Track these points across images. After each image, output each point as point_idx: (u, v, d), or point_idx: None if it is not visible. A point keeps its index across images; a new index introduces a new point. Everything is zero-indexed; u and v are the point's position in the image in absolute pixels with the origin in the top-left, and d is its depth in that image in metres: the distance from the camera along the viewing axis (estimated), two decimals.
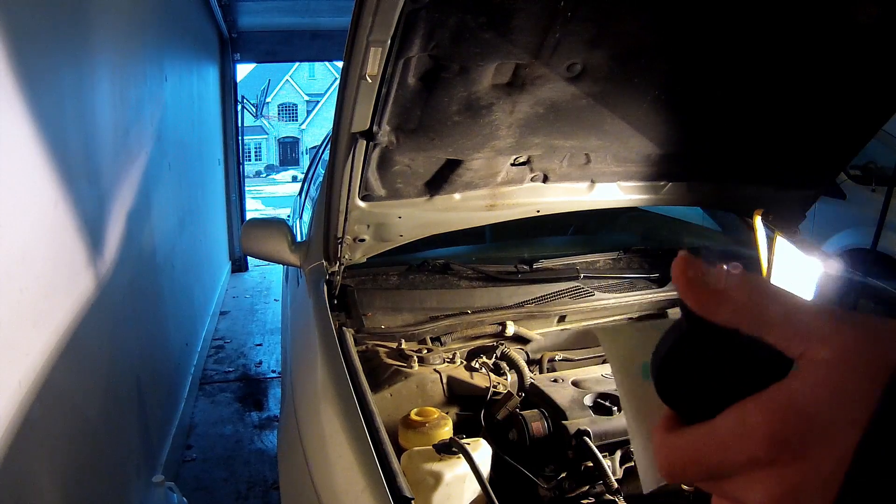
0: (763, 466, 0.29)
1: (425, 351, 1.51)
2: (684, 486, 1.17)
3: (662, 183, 1.91)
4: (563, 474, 1.21)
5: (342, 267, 1.67)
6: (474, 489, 1.09)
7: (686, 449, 0.32)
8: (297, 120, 33.83)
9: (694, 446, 0.31)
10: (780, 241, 1.61)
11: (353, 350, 1.38)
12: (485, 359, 1.49)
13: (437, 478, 1.07)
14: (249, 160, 30.83)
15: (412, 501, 0.93)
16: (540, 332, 1.72)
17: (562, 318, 1.75)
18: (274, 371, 4.15)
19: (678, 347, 0.32)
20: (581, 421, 1.24)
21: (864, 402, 0.28)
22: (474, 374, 1.45)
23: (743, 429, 0.30)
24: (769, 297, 0.31)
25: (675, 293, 0.32)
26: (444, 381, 1.42)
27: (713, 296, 0.31)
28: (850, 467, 0.28)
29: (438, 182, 1.65)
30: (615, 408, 1.27)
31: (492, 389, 1.39)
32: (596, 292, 1.79)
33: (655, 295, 1.82)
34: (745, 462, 0.30)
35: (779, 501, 0.29)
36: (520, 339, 1.67)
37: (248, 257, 6.29)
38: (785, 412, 0.29)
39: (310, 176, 4.11)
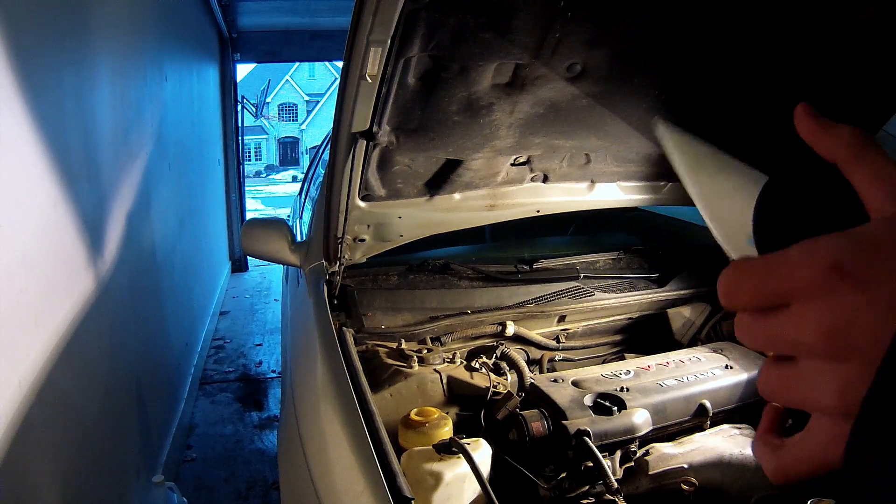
0: (821, 293, 0.29)
1: (425, 351, 1.51)
2: (684, 486, 1.17)
3: (662, 183, 1.91)
4: (563, 474, 1.21)
5: (342, 267, 1.67)
6: (474, 489, 1.09)
7: (754, 270, 0.32)
8: (297, 120, 33.82)
9: (762, 268, 0.32)
10: None
11: (353, 350, 1.38)
12: (485, 359, 1.49)
13: (437, 478, 1.07)
14: (249, 160, 30.82)
15: (412, 501, 0.93)
16: (540, 332, 1.72)
17: (562, 318, 1.75)
18: (274, 371, 4.15)
19: (769, 188, 0.36)
20: (581, 421, 1.24)
21: None
22: (474, 374, 1.46)
23: (809, 254, 0.30)
24: (870, 146, 0.33)
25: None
26: (444, 381, 1.42)
27: (826, 128, 0.35)
28: None
29: (438, 182, 1.65)
30: (615, 408, 1.28)
31: (492, 389, 1.39)
32: (596, 292, 1.79)
33: (655, 295, 1.82)
34: (806, 286, 0.30)
35: (830, 332, 0.29)
36: (520, 339, 1.67)
37: (248, 257, 6.30)
38: (849, 245, 0.29)
39: (310, 176, 4.11)
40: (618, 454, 1.25)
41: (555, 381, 1.39)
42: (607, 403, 1.28)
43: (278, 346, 4.42)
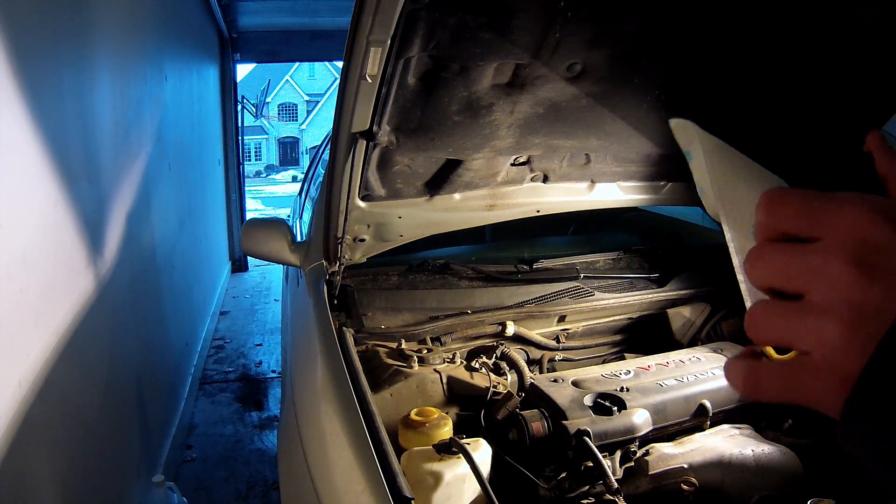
0: (858, 232, 0.30)
1: (425, 351, 1.51)
2: (684, 486, 1.17)
3: (662, 183, 1.90)
4: (563, 474, 1.21)
5: (342, 267, 1.66)
6: (474, 489, 1.09)
7: (807, 195, 0.33)
8: (297, 120, 33.81)
9: (815, 196, 0.32)
10: None
11: (353, 350, 1.38)
12: (485, 359, 1.49)
13: (437, 478, 1.06)
14: (249, 160, 30.82)
15: (412, 501, 0.93)
16: (540, 332, 1.72)
17: (562, 318, 1.75)
18: (274, 371, 4.15)
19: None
20: (581, 421, 1.24)
21: None
22: (474, 374, 1.45)
23: (859, 198, 0.31)
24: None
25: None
26: (444, 381, 1.42)
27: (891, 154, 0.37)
28: None
29: (438, 182, 1.65)
30: (615, 408, 1.27)
31: (492, 389, 1.39)
32: (596, 292, 1.79)
33: (655, 295, 1.82)
34: (846, 224, 0.30)
35: (859, 263, 0.29)
36: (520, 339, 1.67)
37: (248, 257, 6.29)
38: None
39: (310, 176, 4.11)
40: (618, 454, 1.25)
41: (555, 381, 1.39)
42: (607, 403, 1.28)
43: (278, 346, 4.42)
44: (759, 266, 0.33)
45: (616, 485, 1.14)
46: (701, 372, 1.44)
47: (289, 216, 4.50)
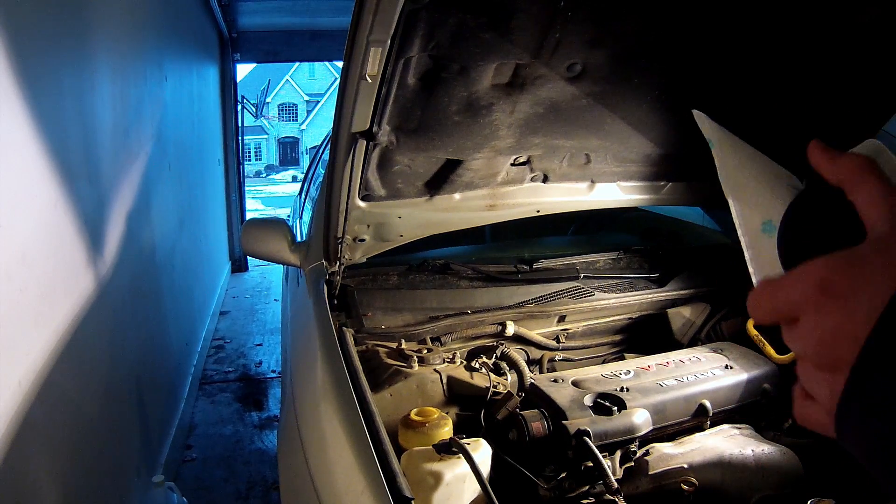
0: (814, 309, 0.34)
1: (425, 351, 1.51)
2: (684, 486, 1.17)
3: (662, 183, 1.90)
4: (563, 474, 1.21)
5: (342, 267, 1.66)
6: (474, 489, 1.09)
7: (764, 291, 0.38)
8: (297, 120, 33.81)
9: (770, 289, 0.38)
10: None
11: (353, 350, 1.38)
12: (485, 359, 1.49)
13: (437, 478, 1.06)
14: (249, 160, 30.81)
15: (412, 501, 0.93)
16: (540, 332, 1.72)
17: (562, 318, 1.75)
18: (274, 371, 4.15)
19: (796, 205, 0.41)
20: (581, 421, 1.24)
21: None
22: (474, 374, 1.45)
23: (803, 275, 0.35)
24: (871, 171, 0.37)
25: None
26: (444, 381, 1.42)
27: (833, 157, 0.39)
28: (878, 319, 0.31)
29: (438, 182, 1.65)
30: (615, 408, 1.27)
31: (492, 389, 1.39)
32: (596, 292, 1.79)
33: (655, 295, 1.82)
34: (802, 302, 0.35)
35: (820, 345, 0.34)
36: (520, 339, 1.67)
37: (248, 257, 6.29)
38: (837, 263, 0.34)
39: (310, 176, 4.11)
40: (618, 454, 1.25)
41: (555, 381, 1.39)
42: (607, 403, 1.28)
43: (278, 346, 4.42)
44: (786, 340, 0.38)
45: (616, 485, 1.14)
46: (701, 372, 1.44)
47: (289, 216, 4.50)
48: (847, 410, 0.33)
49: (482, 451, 1.12)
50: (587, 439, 1.19)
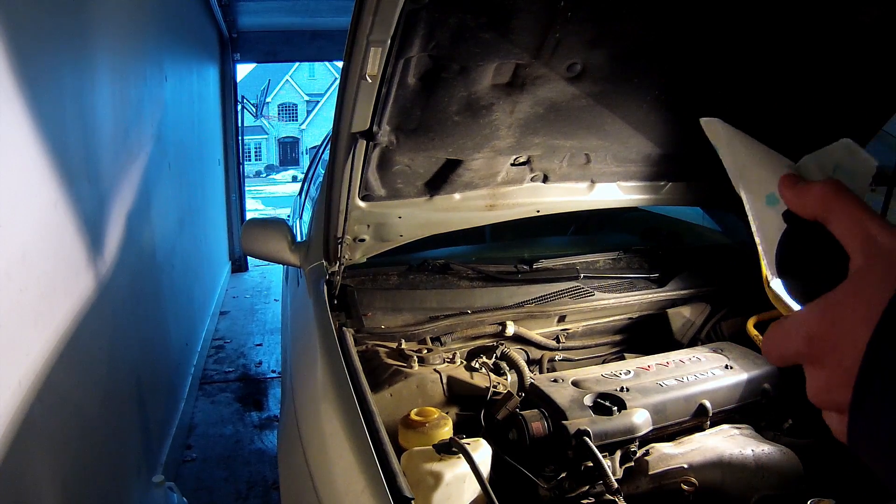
0: (809, 362, 0.36)
1: (425, 351, 1.51)
2: (684, 486, 1.17)
3: (662, 183, 1.90)
4: (563, 474, 1.21)
5: (342, 267, 1.66)
6: (474, 489, 1.09)
7: (772, 340, 0.41)
8: (297, 120, 33.81)
9: (774, 340, 0.40)
10: None
11: (353, 350, 1.38)
12: (485, 359, 1.49)
13: (437, 478, 1.06)
14: (249, 160, 30.81)
15: (412, 501, 0.93)
16: (540, 332, 1.72)
17: (562, 318, 1.75)
18: (274, 371, 4.15)
19: (784, 240, 0.43)
20: (581, 421, 1.24)
21: (878, 308, 0.33)
22: (474, 374, 1.45)
23: (795, 329, 0.37)
24: (841, 198, 0.38)
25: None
26: (444, 381, 1.42)
27: (801, 190, 0.40)
28: (860, 364, 0.33)
29: (438, 182, 1.65)
30: (615, 408, 1.27)
31: (492, 389, 1.39)
32: (596, 292, 1.79)
33: (655, 295, 1.82)
34: (796, 354, 0.37)
35: (820, 392, 0.36)
36: (520, 339, 1.67)
37: (248, 257, 6.29)
38: (818, 318, 0.36)
39: (310, 176, 4.11)
40: (618, 454, 1.25)
41: (555, 381, 1.39)
42: (607, 403, 1.28)
43: (278, 346, 4.42)
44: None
45: (616, 485, 1.14)
46: (701, 372, 1.44)
47: (289, 216, 4.50)
48: (856, 444, 0.35)
49: (482, 451, 1.12)
50: (587, 439, 1.19)
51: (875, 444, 0.33)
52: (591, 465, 1.18)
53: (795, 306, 0.44)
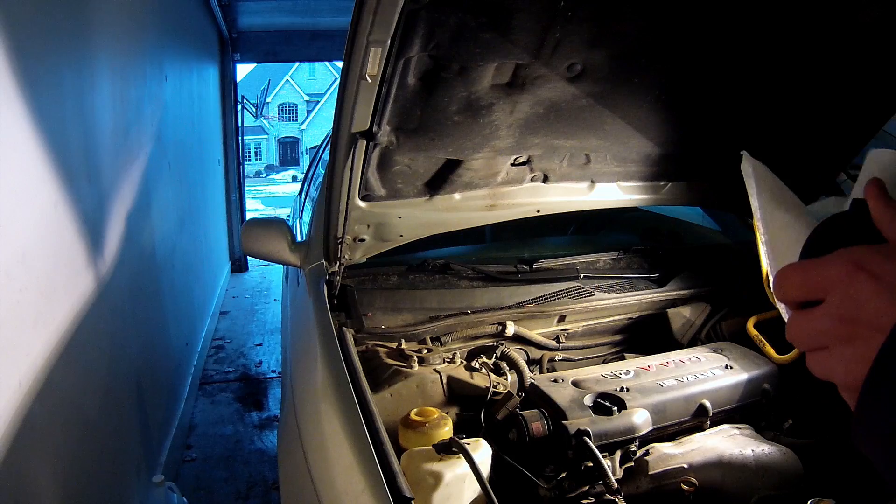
0: (844, 286, 0.37)
1: (425, 351, 1.51)
2: (684, 486, 1.17)
3: (662, 183, 1.90)
4: (563, 474, 1.21)
5: (342, 267, 1.66)
6: (474, 489, 1.09)
7: (798, 268, 0.41)
8: (297, 120, 33.81)
9: (804, 267, 0.40)
10: None
11: (353, 350, 1.38)
12: (485, 359, 1.49)
13: (437, 478, 1.07)
14: (249, 160, 30.81)
15: (412, 501, 0.93)
16: (540, 332, 1.72)
17: (562, 318, 1.75)
18: (274, 371, 4.15)
19: (833, 223, 0.45)
20: (581, 421, 1.24)
21: None
22: (474, 374, 1.45)
23: (840, 257, 0.38)
24: None
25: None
26: (444, 381, 1.42)
27: (888, 204, 0.42)
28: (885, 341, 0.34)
29: (438, 182, 1.65)
30: (615, 408, 1.27)
31: (492, 389, 1.39)
32: (596, 292, 1.79)
33: (655, 295, 1.82)
34: (834, 280, 0.37)
35: (844, 319, 0.37)
36: (520, 339, 1.67)
37: (248, 257, 6.29)
38: (872, 250, 0.37)
39: (310, 176, 4.11)
40: (618, 454, 1.25)
41: (555, 381, 1.39)
42: (607, 403, 1.28)
43: (278, 346, 4.42)
44: (792, 335, 0.41)
45: (616, 485, 1.14)
46: (701, 372, 1.44)
47: (289, 216, 4.50)
48: (880, 374, 0.35)
49: (482, 451, 1.12)
50: (587, 439, 1.19)
51: (879, 433, 0.34)
52: (591, 465, 1.18)
53: None
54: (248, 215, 7.27)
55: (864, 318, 0.36)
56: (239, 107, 6.93)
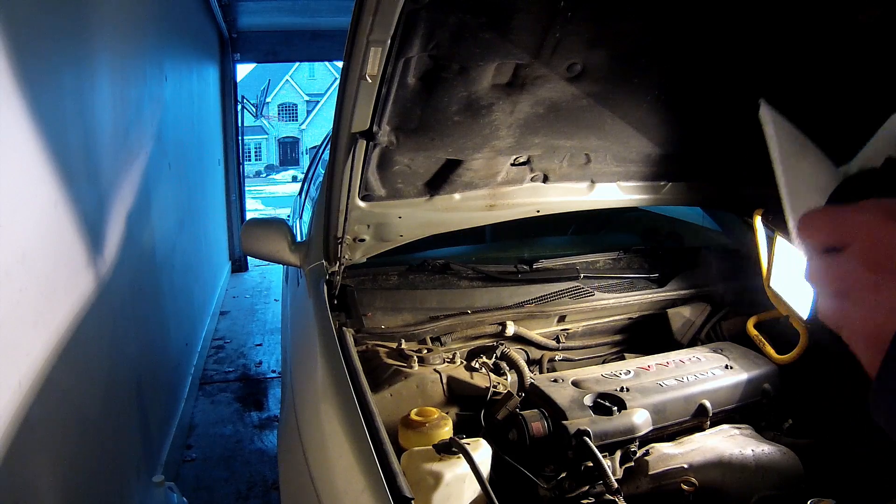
0: (873, 233, 0.37)
1: (425, 351, 1.51)
2: (684, 486, 1.17)
3: (662, 183, 1.90)
4: (563, 474, 1.21)
5: (342, 267, 1.66)
6: (474, 489, 1.09)
7: (827, 212, 0.41)
8: (297, 120, 33.80)
9: (833, 212, 0.40)
10: (780, 241, 1.61)
11: (353, 350, 1.38)
12: (485, 359, 1.49)
13: (437, 478, 1.06)
14: (249, 160, 30.80)
15: (412, 501, 0.93)
16: (540, 332, 1.72)
17: (562, 318, 1.75)
18: (274, 371, 4.15)
19: (864, 177, 0.45)
20: (581, 421, 1.24)
21: None
22: (474, 374, 1.45)
23: (871, 205, 0.38)
24: None
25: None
26: (444, 381, 1.42)
27: None
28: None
29: (438, 182, 1.65)
30: (615, 408, 1.27)
31: (492, 389, 1.39)
32: (596, 292, 1.79)
33: (655, 295, 1.82)
34: (862, 227, 0.37)
35: (871, 263, 0.36)
36: (520, 339, 1.67)
37: (248, 257, 6.29)
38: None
39: (310, 176, 4.11)
40: (618, 454, 1.25)
41: (555, 381, 1.39)
42: (607, 403, 1.28)
43: (278, 346, 4.42)
44: (814, 278, 0.41)
45: (616, 485, 1.14)
46: (701, 372, 1.44)
47: (289, 216, 4.50)
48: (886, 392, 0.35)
49: (482, 451, 1.12)
50: (587, 439, 1.19)
51: None
52: (591, 465, 1.18)
53: (794, 308, 0.45)
54: (248, 215, 7.27)
55: (894, 266, 0.35)
56: (239, 107, 6.93)
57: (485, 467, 1.10)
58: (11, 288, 1.37)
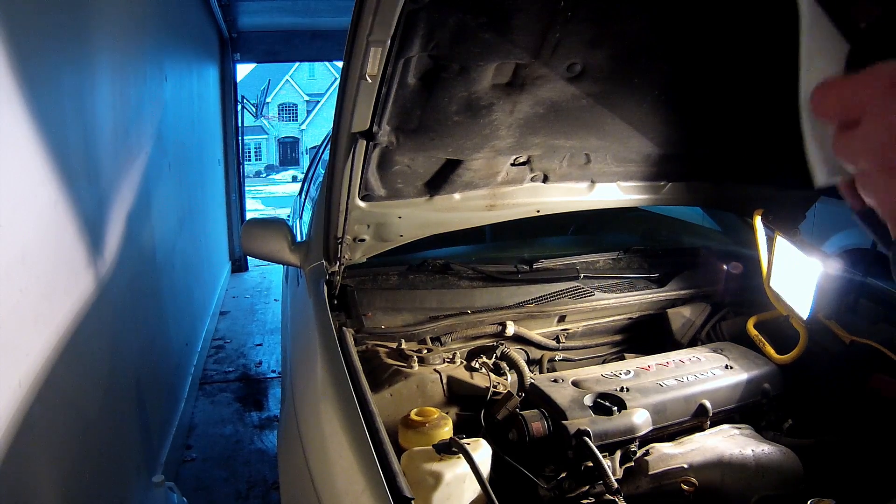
0: (881, 110, 0.34)
1: (425, 351, 1.51)
2: (684, 486, 1.17)
3: (662, 183, 1.90)
4: (563, 474, 1.21)
5: (342, 267, 1.66)
6: (474, 489, 1.09)
7: (834, 85, 0.38)
8: (297, 120, 33.80)
9: (840, 84, 0.38)
10: (780, 241, 1.61)
11: (353, 350, 1.38)
12: (485, 359, 1.49)
13: (437, 478, 1.07)
14: (249, 160, 30.80)
15: (412, 501, 0.93)
16: (540, 332, 1.72)
17: (562, 318, 1.75)
18: (274, 371, 4.15)
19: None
20: (581, 421, 1.24)
21: None
22: (474, 374, 1.45)
23: (875, 74, 0.36)
24: None
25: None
26: (444, 381, 1.42)
27: None
28: None
29: (438, 182, 1.65)
30: (615, 408, 1.27)
31: (492, 389, 1.39)
32: (596, 292, 1.79)
33: (655, 295, 1.82)
34: (871, 97, 0.35)
35: (883, 147, 0.34)
36: (520, 339, 1.67)
37: (248, 257, 6.29)
38: None
39: (310, 176, 4.11)
40: (618, 454, 1.25)
41: (555, 381, 1.39)
42: (607, 403, 1.28)
43: (278, 346, 4.42)
44: (837, 151, 0.38)
45: (616, 485, 1.14)
46: (701, 372, 1.44)
47: (289, 216, 4.50)
48: None
49: (482, 451, 1.12)
50: (587, 439, 1.19)
51: None
52: (591, 465, 1.18)
53: (794, 308, 0.44)
54: (248, 215, 7.27)
55: None
56: (239, 107, 6.93)
57: (485, 467, 1.10)
58: (11, 288, 1.37)
